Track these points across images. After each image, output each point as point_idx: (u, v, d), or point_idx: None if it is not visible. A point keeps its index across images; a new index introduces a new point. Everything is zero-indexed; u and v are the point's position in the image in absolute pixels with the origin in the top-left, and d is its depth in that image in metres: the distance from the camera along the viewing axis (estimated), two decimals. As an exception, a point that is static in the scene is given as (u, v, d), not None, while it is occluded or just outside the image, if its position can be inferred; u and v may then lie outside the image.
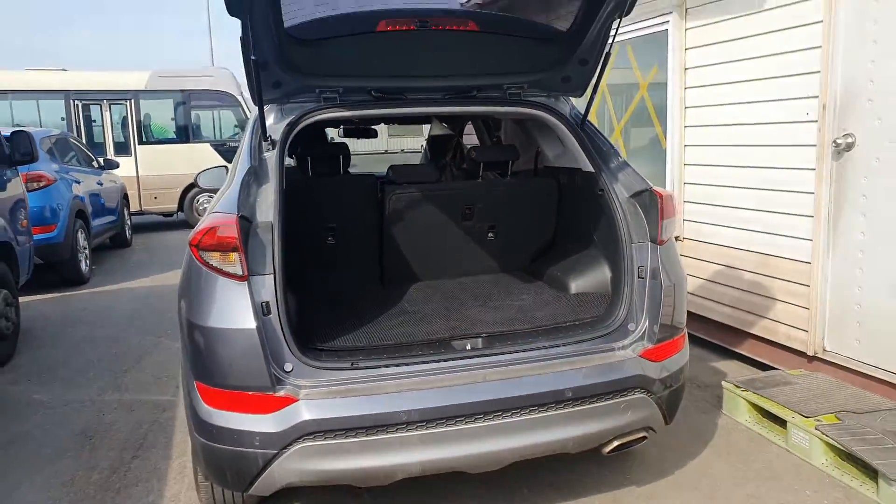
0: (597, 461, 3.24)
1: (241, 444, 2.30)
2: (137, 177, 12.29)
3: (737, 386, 3.76)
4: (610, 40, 2.87)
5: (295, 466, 2.30)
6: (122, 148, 12.36)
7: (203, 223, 2.42)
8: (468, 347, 2.55)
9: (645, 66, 5.37)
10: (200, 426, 2.38)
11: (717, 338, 4.76)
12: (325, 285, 3.36)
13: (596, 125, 3.21)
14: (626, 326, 2.68)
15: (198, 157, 12.52)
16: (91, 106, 12.37)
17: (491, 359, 2.50)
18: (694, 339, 4.94)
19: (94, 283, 8.12)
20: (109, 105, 12.35)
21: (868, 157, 3.55)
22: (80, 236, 8.08)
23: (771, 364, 4.26)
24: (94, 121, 12.56)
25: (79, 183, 8.41)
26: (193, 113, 12.87)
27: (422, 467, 2.38)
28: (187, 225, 12.94)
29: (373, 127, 5.48)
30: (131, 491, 3.19)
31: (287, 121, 2.75)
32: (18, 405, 4.29)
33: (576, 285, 3.23)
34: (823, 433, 3.15)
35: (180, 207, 12.72)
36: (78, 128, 12.12)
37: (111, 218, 9.78)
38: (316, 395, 2.31)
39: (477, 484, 3.04)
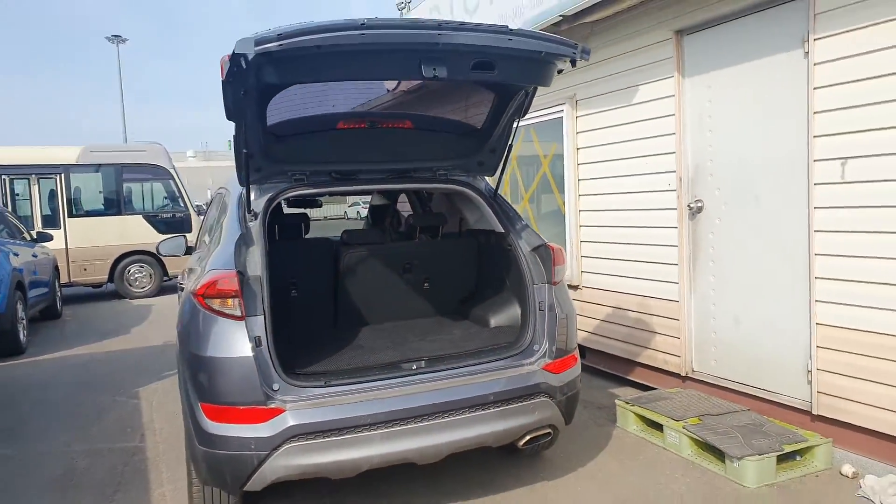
0: (515, 463, 4.03)
1: (239, 448, 2.95)
2: (67, 249, 12.44)
3: (626, 402, 4.65)
4: (512, 135, 3.83)
5: (282, 463, 2.96)
6: (51, 221, 12.52)
7: (206, 277, 3.10)
8: (413, 367, 3.31)
9: (546, 145, 6.43)
10: (203, 438, 3.01)
11: (613, 368, 5.68)
12: (291, 328, 4.06)
13: (508, 194, 4.12)
14: (532, 347, 3.51)
15: (129, 229, 12.90)
16: (19, 180, 12.56)
17: (431, 375, 3.26)
18: (596, 372, 5.87)
19: (31, 353, 8.29)
20: (38, 179, 12.57)
21: (712, 217, 4.62)
22: (19, 307, 8.33)
23: (655, 386, 5.18)
24: (18, 194, 12.70)
25: (17, 255, 8.69)
26: (125, 186, 13.21)
27: (381, 459, 3.08)
28: (116, 295, 13.11)
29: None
30: (120, 517, 3.70)
31: (266, 197, 3.50)
32: (-7, 458, 4.66)
33: (494, 320, 4.07)
34: (688, 431, 4.05)
35: (110, 279, 12.90)
36: (4, 202, 12.24)
37: (44, 290, 9.97)
38: (298, 407, 3.00)
39: (419, 485, 3.76)
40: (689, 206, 4.74)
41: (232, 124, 3.10)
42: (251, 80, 2.80)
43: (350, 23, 2.53)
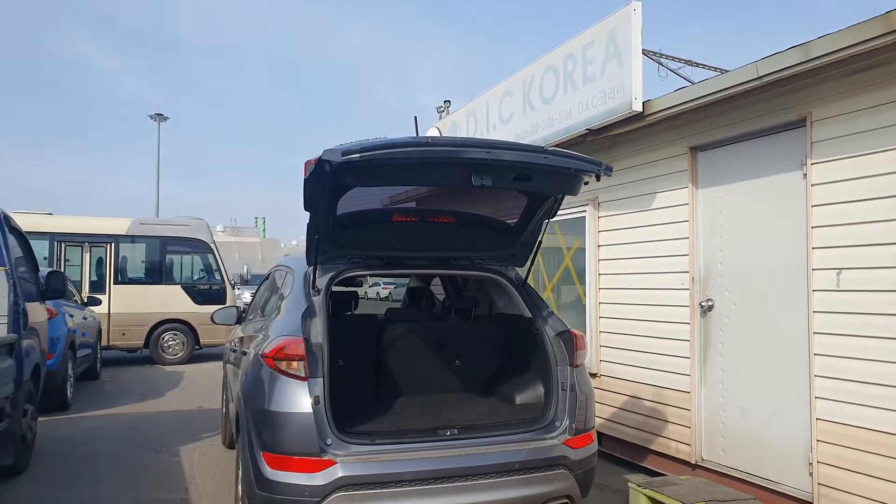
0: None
1: (294, 493, 3.36)
2: (109, 313, 13.10)
3: (639, 485, 4.95)
4: (542, 233, 4.38)
5: (331, 511, 3.36)
6: (98, 286, 13.25)
7: (276, 342, 3.61)
8: (447, 433, 3.73)
9: (569, 240, 6.97)
10: (263, 484, 3.43)
11: (627, 455, 5.99)
12: (338, 394, 4.51)
13: (532, 282, 4.63)
14: (554, 423, 3.92)
15: (168, 298, 13.57)
16: (72, 247, 13.39)
17: (464, 441, 3.68)
18: (611, 458, 6.17)
19: (75, 409, 8.75)
20: (90, 247, 13.40)
21: (722, 316, 5.06)
22: (69, 366, 8.87)
23: (665, 473, 5.47)
24: (69, 260, 13.50)
25: (72, 317, 9.31)
26: (168, 257, 14.00)
27: None
28: (150, 361, 13.64)
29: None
30: (175, 556, 4.08)
31: (329, 276, 4.05)
32: (53, 501, 5.07)
33: (520, 398, 4.49)
34: (697, 513, 4.36)
35: (146, 344, 13.46)
36: (57, 266, 13.03)
37: (89, 351, 10.55)
38: (348, 461, 3.42)
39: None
40: (700, 304, 5.19)
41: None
42: (330, 180, 3.40)
43: (419, 140, 3.15)
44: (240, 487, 4.03)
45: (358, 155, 3.06)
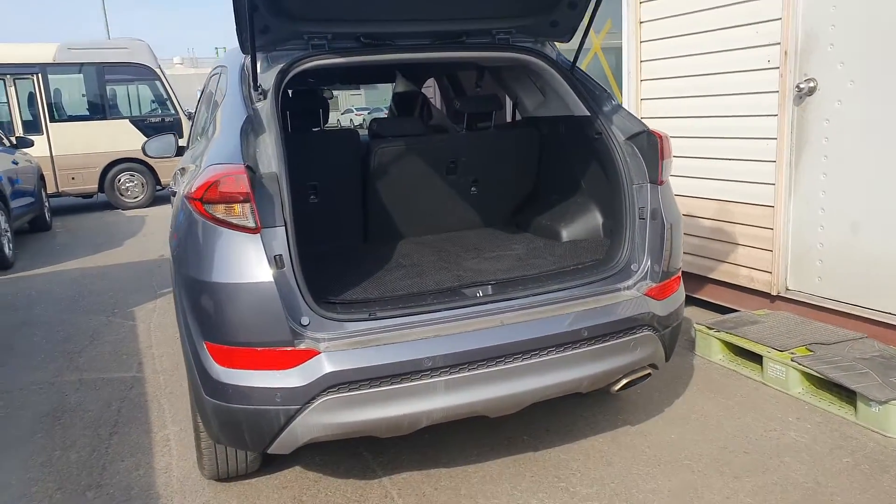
0: (586, 406, 3.33)
1: (260, 401, 2.20)
2: (51, 156, 11.53)
3: (709, 328, 3.90)
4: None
5: (319, 421, 2.22)
6: (33, 126, 11.52)
7: (204, 176, 2.27)
8: (479, 294, 2.53)
9: (598, 23, 5.40)
10: (212, 387, 2.26)
11: (679, 285, 4.92)
12: (310, 245, 3.26)
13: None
14: (630, 267, 2.72)
15: (116, 135, 11.91)
16: (-7, 82, 11.47)
17: (505, 304, 2.49)
18: (656, 289, 5.11)
19: (20, 267, 7.60)
20: (14, 80, 11.47)
21: (830, 100, 3.72)
22: (1, 218, 7.54)
23: (732, 307, 4.44)
24: None
25: (-5, 162, 7.83)
26: (108, 88, 12.14)
27: (445, 413, 2.35)
28: (109, 206, 12.29)
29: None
30: (117, 467, 3.03)
31: (277, 68, 2.61)
32: (-34, 393, 3.98)
33: (567, 233, 3.25)
34: (800, 364, 3.32)
35: (101, 188, 12.03)
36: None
37: (29, 199, 9.15)
38: (337, 347, 2.23)
39: (478, 435, 3.07)
40: (797, 86, 3.82)
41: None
42: None
43: None
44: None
45: None
